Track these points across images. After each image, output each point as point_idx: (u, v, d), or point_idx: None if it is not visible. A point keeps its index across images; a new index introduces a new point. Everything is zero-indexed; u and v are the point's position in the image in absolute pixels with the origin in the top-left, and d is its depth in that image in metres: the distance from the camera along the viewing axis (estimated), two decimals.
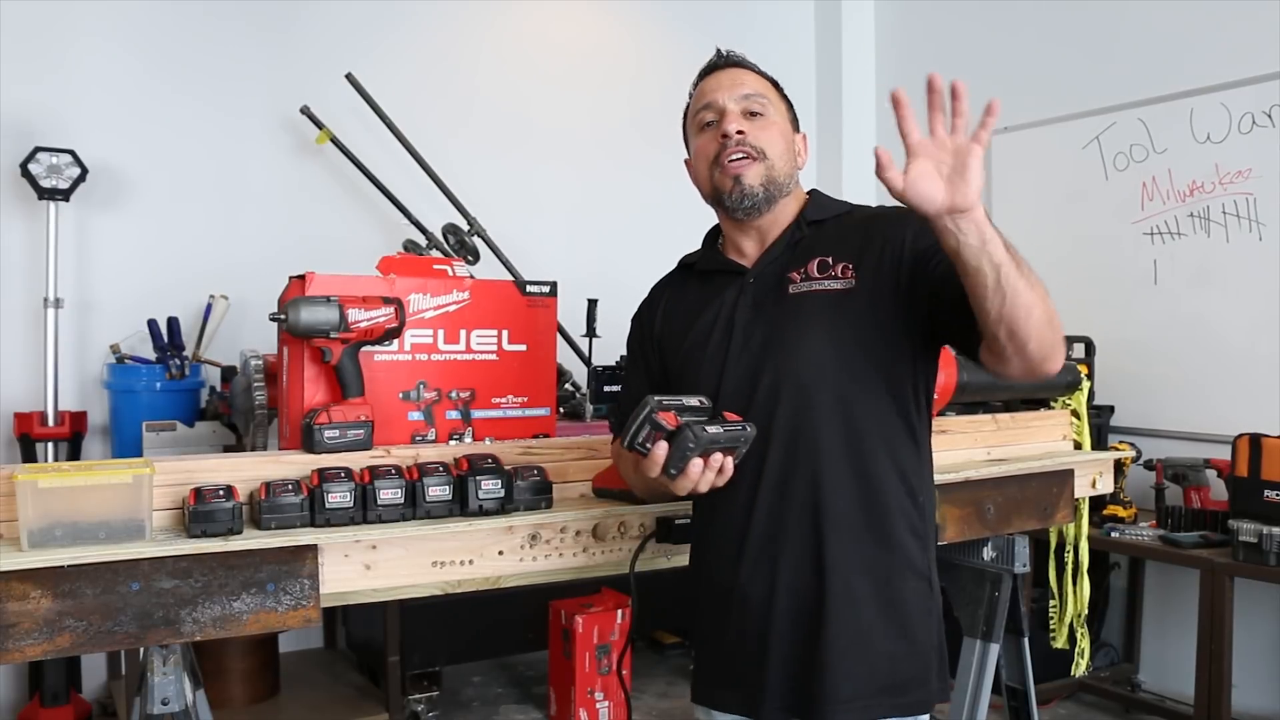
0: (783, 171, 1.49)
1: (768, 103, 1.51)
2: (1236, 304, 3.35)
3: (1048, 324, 1.25)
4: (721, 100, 1.50)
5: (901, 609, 1.39)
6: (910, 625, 1.40)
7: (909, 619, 1.40)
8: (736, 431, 1.33)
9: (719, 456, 1.33)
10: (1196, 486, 3.22)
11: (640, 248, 3.32)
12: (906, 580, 1.40)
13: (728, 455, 1.34)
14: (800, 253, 1.48)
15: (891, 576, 1.40)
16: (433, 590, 1.59)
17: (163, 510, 1.49)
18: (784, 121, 1.53)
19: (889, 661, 1.38)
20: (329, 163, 3.51)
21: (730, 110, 1.49)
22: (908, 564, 1.41)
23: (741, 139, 1.47)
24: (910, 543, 1.41)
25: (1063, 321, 1.32)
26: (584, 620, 3.21)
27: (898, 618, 1.39)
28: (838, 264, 1.44)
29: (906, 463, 1.43)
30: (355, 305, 1.67)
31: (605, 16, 4.22)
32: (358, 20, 3.64)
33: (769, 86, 1.54)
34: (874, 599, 1.38)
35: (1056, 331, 1.28)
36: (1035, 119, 3.95)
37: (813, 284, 1.44)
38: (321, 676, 3.37)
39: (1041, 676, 2.61)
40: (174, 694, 1.46)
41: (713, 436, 1.30)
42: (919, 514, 1.44)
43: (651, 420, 1.30)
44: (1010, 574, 2.28)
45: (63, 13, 3.16)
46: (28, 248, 3.08)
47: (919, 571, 1.42)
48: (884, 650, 1.38)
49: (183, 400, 2.95)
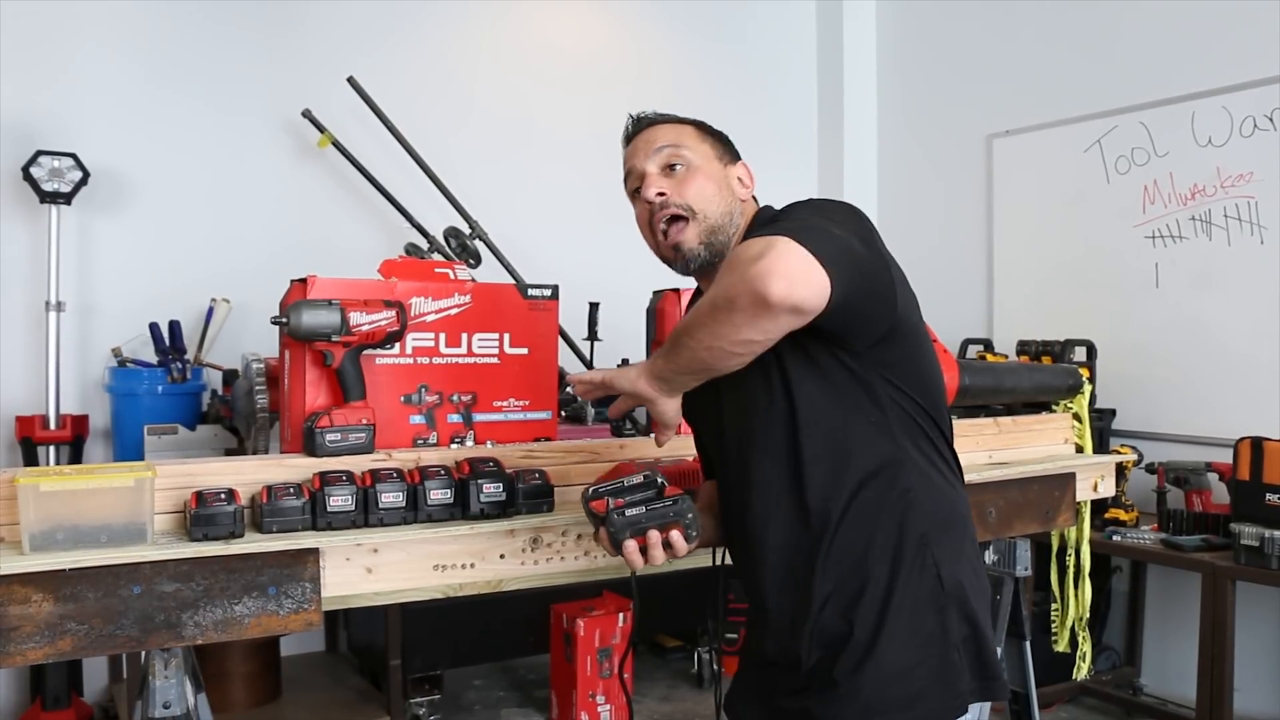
0: (720, 217, 1.45)
1: (686, 150, 1.47)
2: (1238, 307, 3.35)
3: (713, 314, 1.22)
4: (640, 165, 1.48)
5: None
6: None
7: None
8: (664, 508, 1.38)
9: (655, 535, 1.37)
10: (1198, 490, 3.22)
11: (641, 251, 3.30)
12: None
13: (671, 530, 1.37)
14: None
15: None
16: (434, 593, 1.59)
17: (164, 514, 1.49)
18: (710, 163, 1.48)
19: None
20: (330, 166, 3.51)
21: (649, 173, 1.46)
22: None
23: (664, 200, 1.44)
24: (937, 548, 1.36)
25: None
26: (585, 624, 3.21)
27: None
28: None
29: (870, 458, 1.34)
30: (357, 308, 1.67)
31: (606, 18, 4.22)
32: (359, 24, 3.64)
33: (686, 130, 1.50)
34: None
35: (716, 307, 1.21)
36: (1036, 122, 3.96)
37: None
38: (323, 680, 3.37)
39: (1043, 680, 2.61)
40: (175, 697, 1.46)
41: (632, 519, 1.37)
42: (916, 506, 1.35)
43: (588, 510, 1.41)
44: (1012, 577, 2.29)
45: (65, 17, 3.17)
46: (29, 251, 3.08)
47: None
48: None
49: (184, 404, 2.95)
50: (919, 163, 4.47)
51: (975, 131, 4.15)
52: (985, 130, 4.12)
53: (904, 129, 4.54)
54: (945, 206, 4.34)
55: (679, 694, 3.63)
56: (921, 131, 4.45)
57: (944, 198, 4.35)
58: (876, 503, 1.34)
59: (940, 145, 4.35)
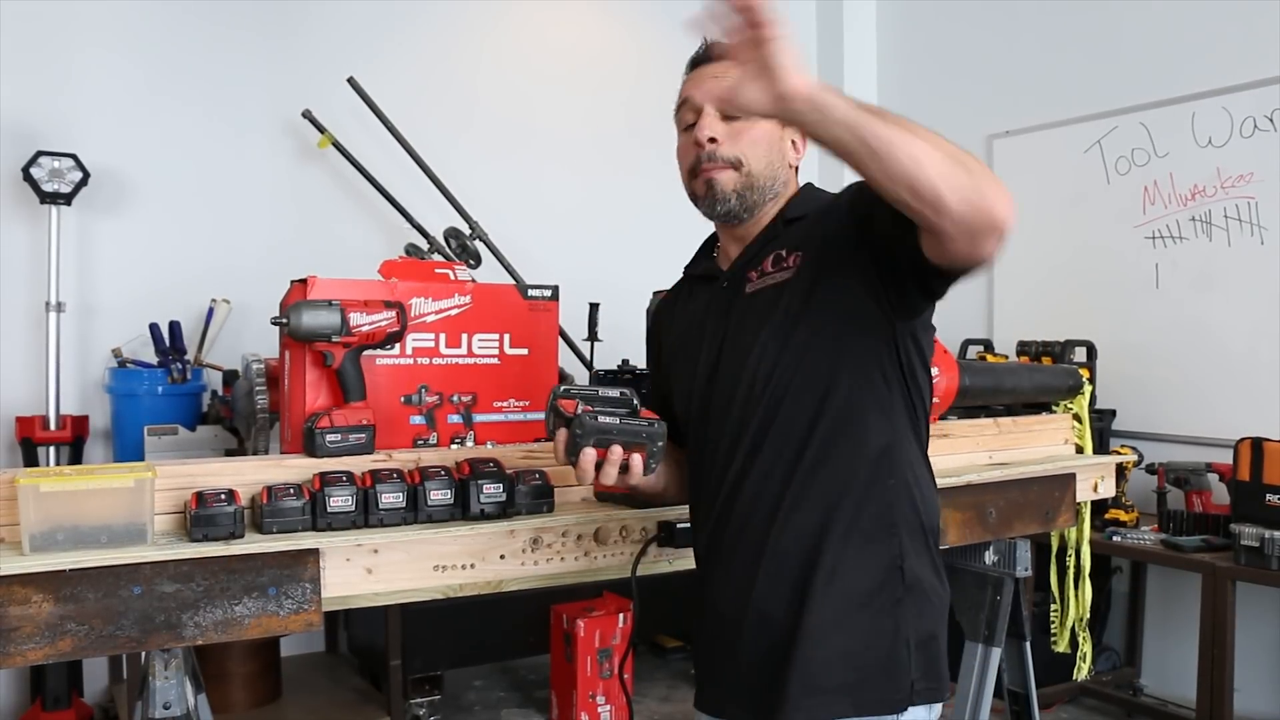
0: (764, 177, 1.43)
1: None
2: (1238, 308, 3.35)
3: (952, 164, 1.09)
4: (699, 100, 1.42)
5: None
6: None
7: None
8: (637, 426, 1.30)
9: (619, 451, 1.30)
10: (1198, 490, 3.22)
11: (642, 251, 3.32)
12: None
13: (634, 451, 1.31)
14: (767, 251, 1.44)
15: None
16: (434, 594, 1.59)
17: (164, 514, 1.49)
18: (770, 120, 1.39)
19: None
20: (330, 167, 3.51)
21: (707, 113, 1.41)
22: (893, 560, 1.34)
23: (714, 149, 1.41)
24: (906, 540, 1.35)
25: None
26: (586, 624, 3.21)
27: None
28: (790, 255, 1.39)
29: (877, 441, 1.34)
30: (357, 309, 1.67)
31: (605, 18, 4.22)
32: (359, 25, 3.64)
33: None
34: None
35: (972, 171, 1.09)
36: (1036, 122, 3.96)
37: (765, 279, 1.40)
38: (323, 680, 3.37)
39: (1043, 680, 2.60)
40: (175, 698, 1.46)
41: (603, 426, 1.28)
42: (900, 495, 1.35)
43: (554, 407, 1.31)
44: (1012, 578, 2.28)
45: (65, 17, 3.17)
46: (30, 252, 3.09)
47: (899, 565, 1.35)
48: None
49: (184, 404, 2.96)
50: None
51: (975, 132, 4.15)
52: (985, 131, 4.11)
53: None
54: None
55: (679, 694, 3.63)
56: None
57: None
58: (871, 480, 1.34)
59: None
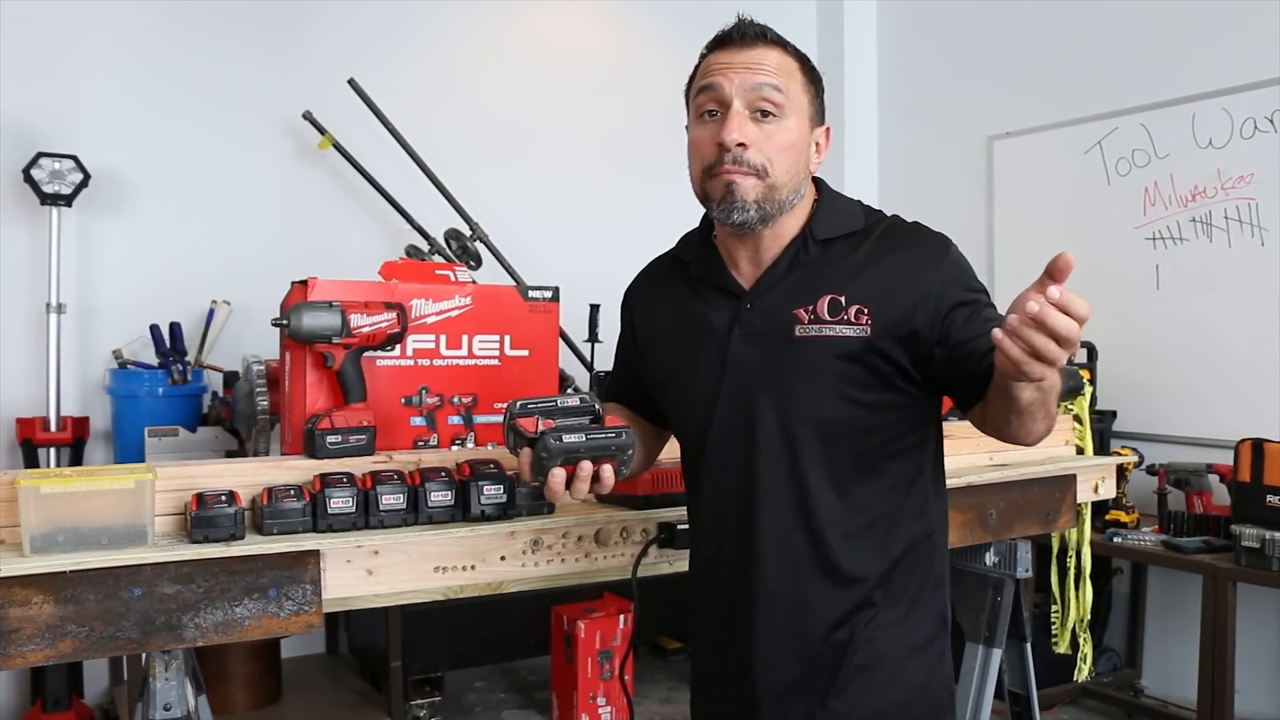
0: (786, 188, 1.29)
1: (785, 97, 1.27)
2: (1238, 309, 3.35)
3: (1042, 434, 1.22)
4: (728, 90, 1.26)
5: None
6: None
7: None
8: (604, 440, 1.24)
9: (589, 466, 1.24)
10: (1199, 491, 3.22)
11: (642, 253, 3.30)
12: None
13: (604, 463, 1.25)
14: (806, 281, 1.31)
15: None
16: (435, 595, 1.59)
17: (165, 515, 1.49)
18: (802, 119, 1.29)
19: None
20: (331, 168, 3.51)
21: (735, 110, 1.26)
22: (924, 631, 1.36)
23: (741, 153, 1.25)
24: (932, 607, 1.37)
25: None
26: (586, 625, 3.20)
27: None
28: (850, 306, 1.27)
29: (909, 506, 1.35)
30: (357, 310, 1.68)
31: (606, 20, 4.22)
32: (360, 27, 3.64)
33: (794, 69, 1.30)
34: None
35: (1047, 432, 1.23)
36: (1037, 124, 3.95)
37: (823, 328, 1.28)
38: (323, 682, 3.37)
39: (1044, 682, 2.60)
40: (176, 699, 1.46)
41: (570, 446, 1.22)
42: (929, 561, 1.37)
43: (512, 426, 1.25)
44: (1012, 579, 2.28)
45: (66, 19, 3.17)
46: (30, 253, 3.09)
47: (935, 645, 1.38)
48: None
49: (185, 405, 2.96)
50: (920, 164, 4.47)
51: (976, 133, 4.15)
52: (986, 132, 4.11)
53: (904, 131, 4.54)
54: (946, 208, 4.33)
55: (680, 696, 3.63)
56: (922, 133, 4.45)
57: (944, 199, 4.34)
58: (910, 546, 1.35)
59: (941, 147, 4.35)
